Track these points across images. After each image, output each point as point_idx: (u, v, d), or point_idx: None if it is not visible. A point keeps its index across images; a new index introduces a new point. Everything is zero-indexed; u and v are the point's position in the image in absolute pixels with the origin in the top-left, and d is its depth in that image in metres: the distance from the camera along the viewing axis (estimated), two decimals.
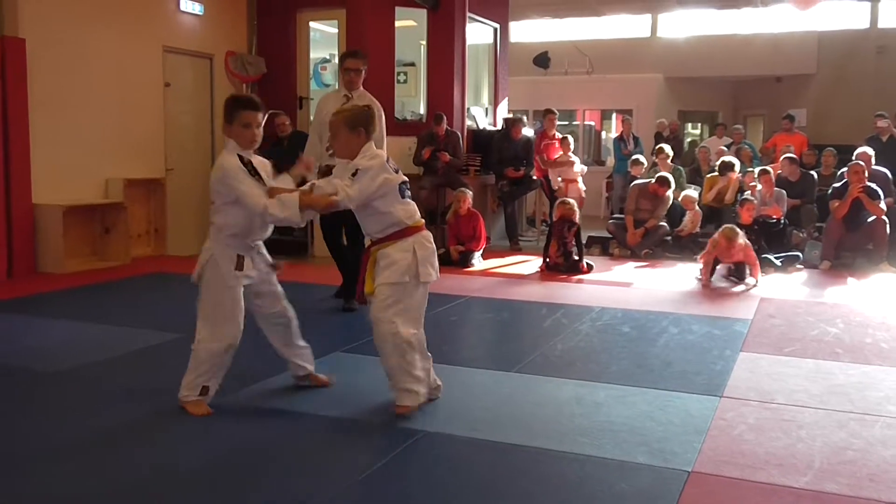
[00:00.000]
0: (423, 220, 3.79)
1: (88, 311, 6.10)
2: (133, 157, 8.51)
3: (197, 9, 9.24)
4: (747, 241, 7.36)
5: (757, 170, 9.30)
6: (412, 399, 3.68)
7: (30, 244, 7.56)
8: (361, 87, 6.07)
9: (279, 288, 3.98)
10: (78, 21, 7.94)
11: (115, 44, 8.31)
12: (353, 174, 3.57)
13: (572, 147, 10.64)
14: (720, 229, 7.48)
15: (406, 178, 3.76)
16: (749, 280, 7.32)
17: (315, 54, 10.45)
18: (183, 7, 9.07)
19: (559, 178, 10.24)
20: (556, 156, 10.36)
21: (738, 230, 7.34)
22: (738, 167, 9.93)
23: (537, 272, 8.04)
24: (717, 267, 7.49)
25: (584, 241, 8.37)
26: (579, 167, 10.45)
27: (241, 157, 3.62)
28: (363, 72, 6.08)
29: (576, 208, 8.23)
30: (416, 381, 3.69)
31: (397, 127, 9.82)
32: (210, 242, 3.73)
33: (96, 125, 8.14)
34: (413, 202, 3.75)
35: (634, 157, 11.07)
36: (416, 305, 3.69)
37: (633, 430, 3.58)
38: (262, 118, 3.71)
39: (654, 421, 3.71)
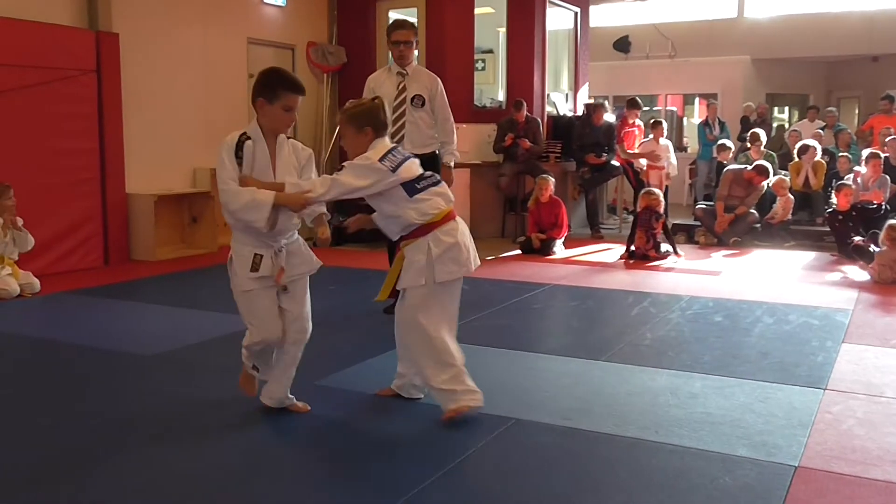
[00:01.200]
0: (447, 209, 3.41)
1: (180, 297, 6.27)
2: (218, 147, 8.67)
3: (279, 0, 9.36)
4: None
5: (865, 153, 8.79)
6: (455, 400, 3.43)
7: (124, 233, 7.81)
8: (415, 62, 5.54)
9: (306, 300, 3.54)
10: (167, 15, 8.14)
11: (201, 37, 8.50)
12: (339, 169, 3.37)
13: (665, 132, 10.29)
14: (885, 227, 6.78)
15: (421, 172, 3.42)
16: None
17: None
18: None
19: (643, 162, 9.99)
20: (644, 140, 10.12)
21: None
22: (818, 151, 9.51)
23: (620, 260, 7.88)
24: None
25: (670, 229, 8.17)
26: (668, 159, 10.02)
27: (241, 137, 3.23)
28: (414, 44, 5.45)
29: (661, 198, 8.02)
30: (455, 381, 3.43)
31: (476, 114, 9.78)
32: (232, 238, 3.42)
33: (184, 116, 8.35)
34: (434, 196, 3.39)
35: (721, 141, 10.72)
36: (442, 306, 3.44)
37: (733, 422, 3.45)
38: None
39: (755, 413, 3.56)
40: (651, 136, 10.15)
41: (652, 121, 10.36)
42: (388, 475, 2.93)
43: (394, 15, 10.24)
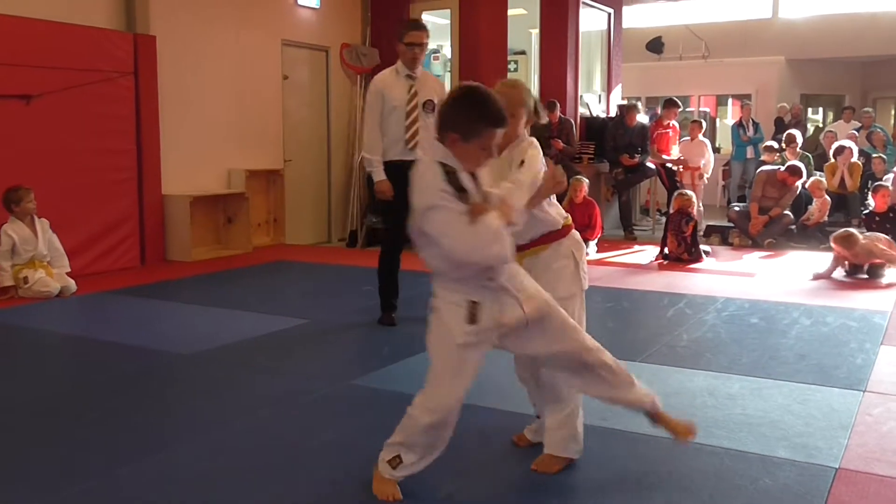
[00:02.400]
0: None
1: (216, 297, 6.34)
2: (253, 149, 8.78)
3: (313, 2, 9.43)
4: (877, 236, 6.86)
5: None
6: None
7: (160, 233, 7.92)
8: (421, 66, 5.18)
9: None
10: (202, 17, 8.24)
11: (236, 38, 8.59)
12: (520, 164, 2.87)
13: (703, 131, 10.14)
14: (832, 237, 6.91)
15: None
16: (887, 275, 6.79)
17: None
18: (300, 1, 9.28)
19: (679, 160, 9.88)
20: (681, 140, 10.02)
21: (854, 232, 6.83)
22: (854, 152, 9.36)
23: (654, 262, 7.84)
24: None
25: (702, 231, 8.10)
26: (706, 157, 9.88)
27: (444, 166, 2.51)
28: (426, 46, 5.18)
29: (694, 201, 7.95)
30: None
31: None
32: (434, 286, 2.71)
33: (219, 118, 8.44)
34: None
35: (768, 143, 10.56)
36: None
37: (771, 423, 3.42)
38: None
39: (794, 415, 3.53)
40: (688, 136, 10.06)
41: (692, 121, 10.25)
42: (427, 476, 2.95)
43: (427, 17, 10.28)
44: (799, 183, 8.76)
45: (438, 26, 10.54)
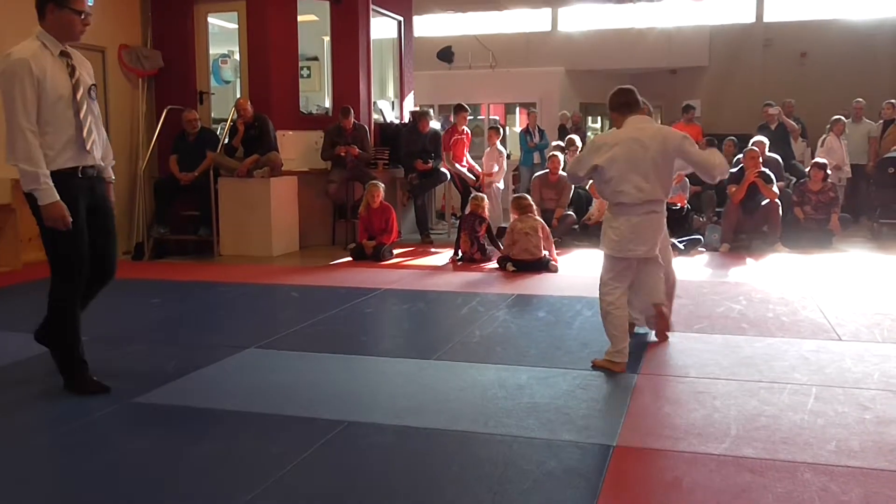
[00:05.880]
0: None
1: None
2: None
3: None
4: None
5: None
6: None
7: None
8: None
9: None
10: None
11: None
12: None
13: (499, 137, 10.50)
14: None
15: None
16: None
17: (214, 50, 10.15)
18: None
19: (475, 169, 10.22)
20: (487, 150, 10.35)
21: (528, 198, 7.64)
22: None
23: (449, 263, 8.05)
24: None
25: (494, 233, 8.42)
26: (501, 164, 10.27)
27: None
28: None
29: (485, 203, 8.20)
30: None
31: (302, 121, 9.68)
32: None
33: None
34: None
35: (552, 153, 11.09)
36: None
37: (557, 409, 3.61)
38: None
39: (577, 399, 3.75)
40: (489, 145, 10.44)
41: (490, 127, 10.62)
42: (220, 487, 2.83)
43: (213, 20, 9.95)
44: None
45: (226, 30, 10.23)
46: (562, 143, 11.04)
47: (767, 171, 8.73)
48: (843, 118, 10.83)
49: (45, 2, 3.74)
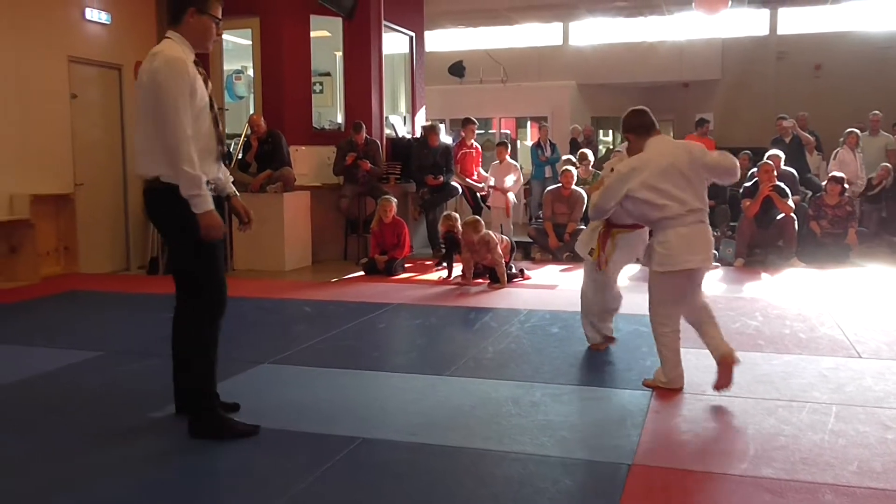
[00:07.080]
0: None
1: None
2: (38, 172, 8.11)
3: (104, 18, 8.91)
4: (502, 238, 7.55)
5: None
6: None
7: None
8: None
9: None
10: None
11: (15, 54, 7.93)
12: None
13: (508, 151, 10.60)
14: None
15: None
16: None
17: (228, 66, 10.23)
18: (89, 16, 8.72)
19: (486, 184, 10.25)
20: (494, 164, 10.43)
21: (481, 220, 7.55)
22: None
23: (459, 278, 8.02)
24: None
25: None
26: (511, 180, 10.32)
27: None
28: None
29: (458, 224, 7.84)
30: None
31: (315, 136, 9.72)
32: None
33: None
34: None
35: (565, 168, 11.07)
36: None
37: (571, 426, 3.59)
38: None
39: (591, 417, 3.73)
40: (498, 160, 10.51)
41: (497, 143, 10.65)
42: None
43: (228, 37, 10.01)
44: (582, 191, 9.28)
45: (240, 47, 10.31)
46: (573, 158, 11.03)
47: (782, 184, 8.69)
48: (857, 131, 10.77)
49: (187, 6, 3.50)
